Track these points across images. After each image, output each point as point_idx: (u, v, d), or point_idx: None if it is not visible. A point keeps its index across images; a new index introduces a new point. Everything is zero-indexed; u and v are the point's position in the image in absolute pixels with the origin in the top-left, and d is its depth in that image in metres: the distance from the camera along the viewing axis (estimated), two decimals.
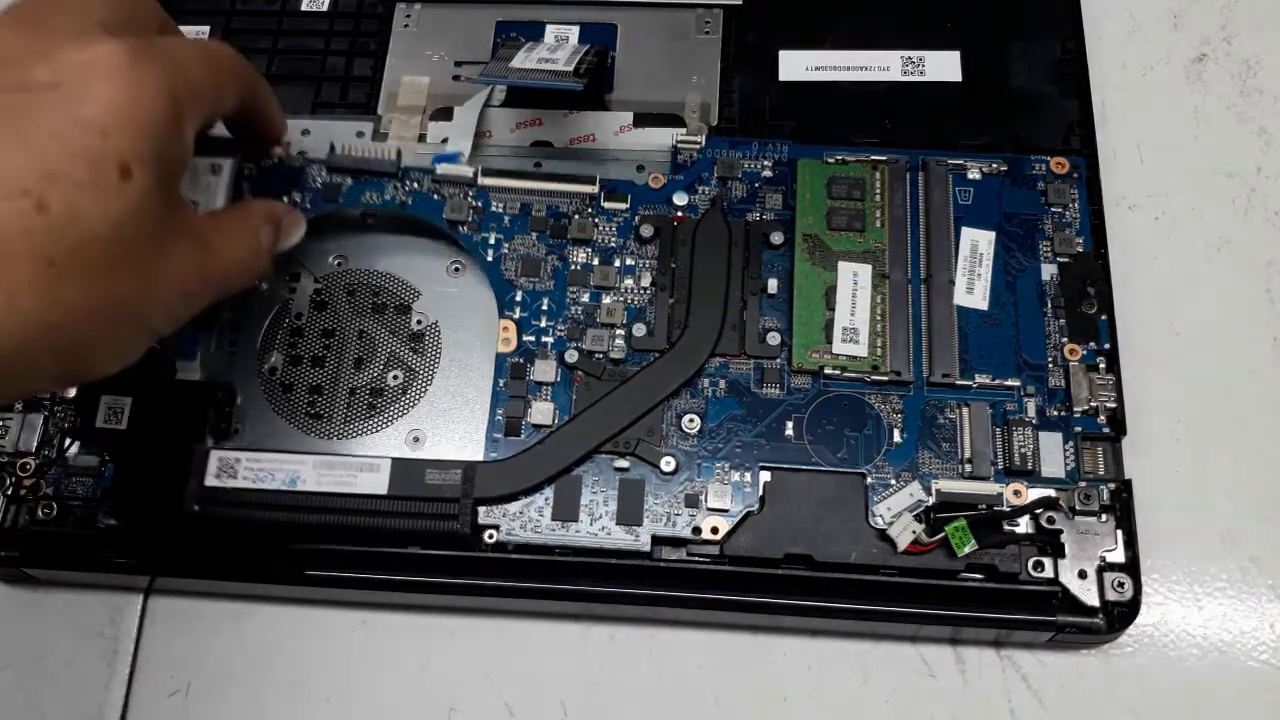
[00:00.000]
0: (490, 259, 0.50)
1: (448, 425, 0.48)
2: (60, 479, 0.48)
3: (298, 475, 0.46)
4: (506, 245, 0.50)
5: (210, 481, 0.46)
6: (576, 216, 0.51)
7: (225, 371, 0.49)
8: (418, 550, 0.46)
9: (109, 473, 0.47)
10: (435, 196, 0.51)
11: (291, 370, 0.50)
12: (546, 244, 0.50)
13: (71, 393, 0.49)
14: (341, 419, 0.49)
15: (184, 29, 0.58)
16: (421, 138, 0.54)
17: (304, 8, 0.58)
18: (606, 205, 0.51)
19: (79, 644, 0.48)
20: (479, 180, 0.51)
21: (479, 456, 0.47)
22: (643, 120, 0.54)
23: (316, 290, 0.51)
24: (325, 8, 0.58)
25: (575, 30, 0.56)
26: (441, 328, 0.50)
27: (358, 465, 0.46)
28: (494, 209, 0.51)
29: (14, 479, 0.48)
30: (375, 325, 0.50)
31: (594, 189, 0.51)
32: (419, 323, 0.50)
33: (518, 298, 0.50)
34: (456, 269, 0.51)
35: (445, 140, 0.53)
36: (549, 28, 0.56)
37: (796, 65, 0.55)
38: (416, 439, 0.48)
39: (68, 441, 0.48)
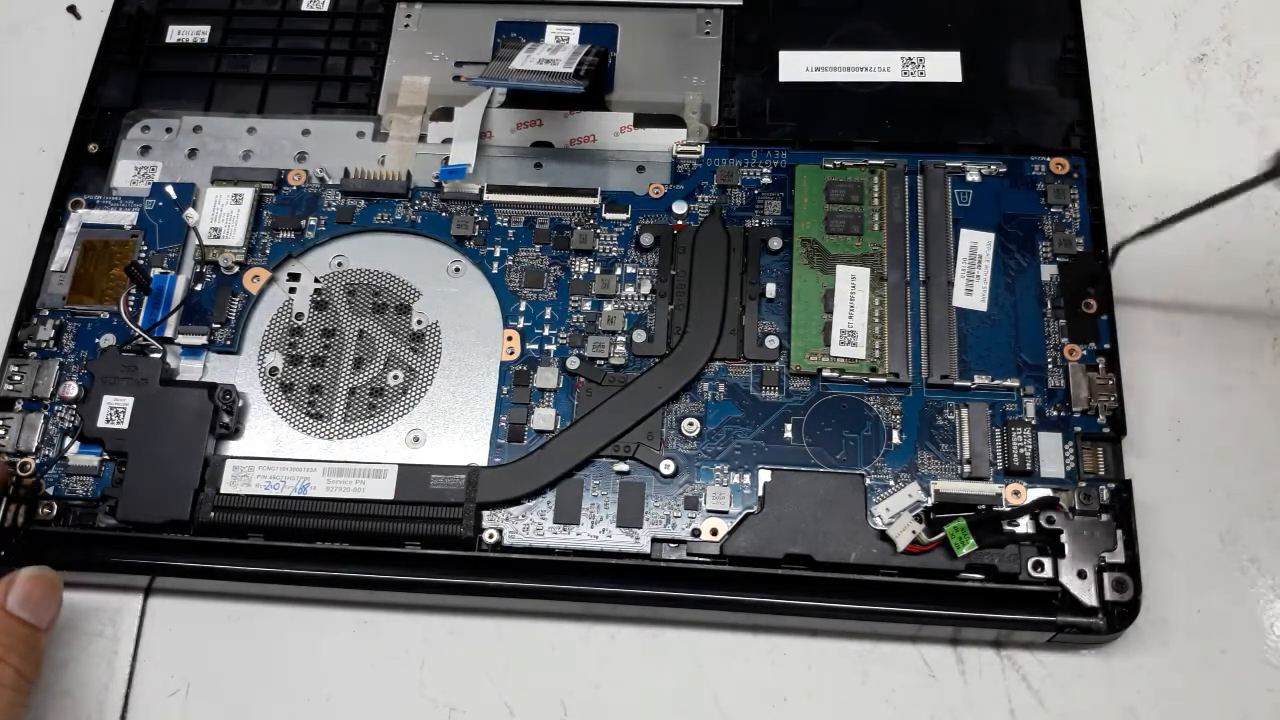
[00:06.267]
0: (495, 271, 0.51)
1: (448, 425, 0.48)
2: (60, 479, 0.48)
3: (308, 482, 0.46)
4: (511, 258, 0.51)
5: (225, 489, 0.47)
6: (578, 228, 0.51)
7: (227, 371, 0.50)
8: (418, 549, 0.46)
9: (109, 472, 0.48)
10: (443, 214, 0.52)
11: (291, 370, 0.50)
12: (550, 255, 0.51)
13: (72, 392, 0.49)
14: (341, 419, 0.49)
15: (185, 29, 0.58)
16: (422, 138, 0.54)
17: (304, 8, 0.58)
18: (608, 215, 0.51)
19: (79, 644, 0.48)
20: (484, 196, 0.52)
21: (480, 456, 0.47)
22: (643, 121, 0.54)
23: (316, 290, 0.51)
24: (325, 8, 0.58)
25: (575, 30, 0.56)
26: (441, 328, 0.50)
27: (365, 472, 0.46)
28: (499, 223, 0.52)
29: (14, 479, 0.48)
30: (375, 325, 0.50)
31: (595, 200, 0.51)
32: (419, 323, 0.50)
33: (521, 308, 0.50)
34: (457, 269, 0.51)
35: (447, 140, 0.53)
36: (549, 28, 0.57)
37: (796, 65, 0.55)
38: (416, 439, 0.48)
39: (68, 441, 0.48)
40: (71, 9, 0.62)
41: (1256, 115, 0.55)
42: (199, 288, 0.51)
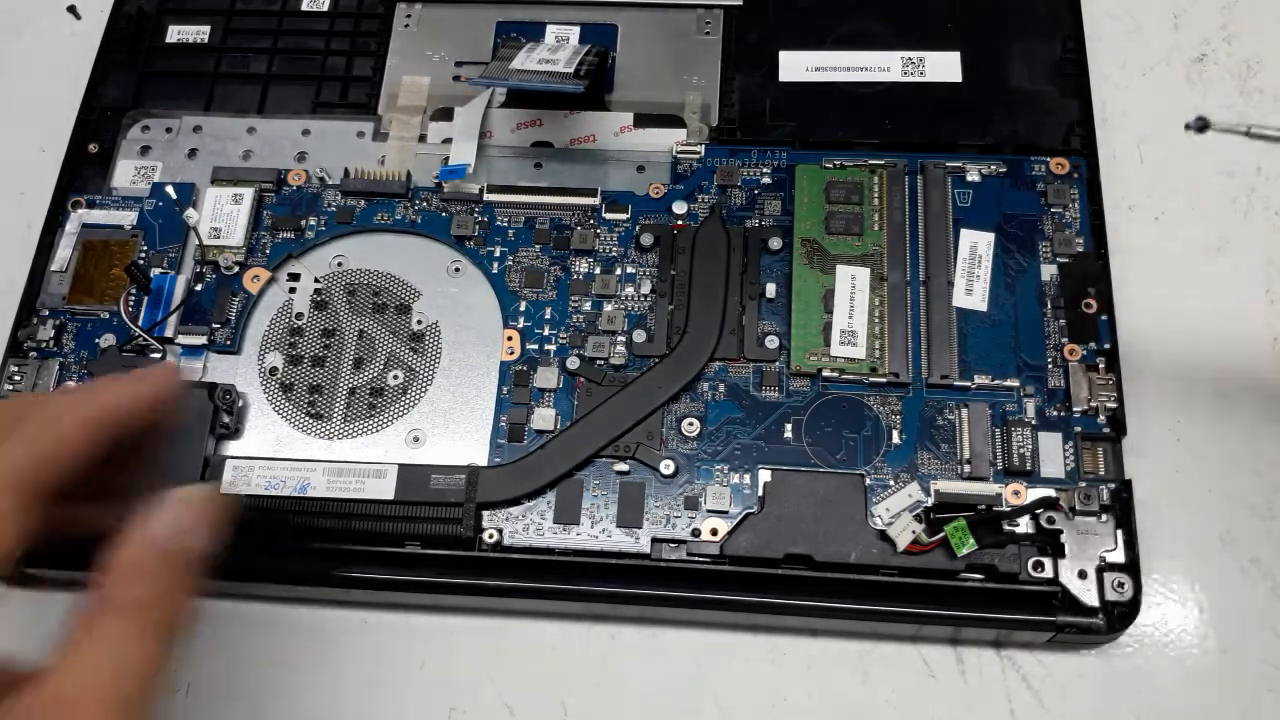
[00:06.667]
0: (495, 271, 0.51)
1: (448, 425, 0.48)
2: None
3: (308, 482, 0.46)
4: (511, 258, 0.51)
5: (226, 489, 0.46)
6: (578, 228, 0.51)
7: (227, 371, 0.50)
8: (418, 549, 0.46)
9: None
10: (443, 214, 0.52)
11: (291, 370, 0.50)
12: (550, 255, 0.51)
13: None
14: (341, 419, 0.49)
15: (185, 29, 0.58)
16: (422, 138, 0.54)
17: (304, 8, 0.58)
18: (608, 215, 0.51)
19: None
20: (484, 196, 0.52)
21: (480, 457, 0.47)
22: (643, 121, 0.54)
23: (316, 290, 0.51)
24: (325, 8, 0.58)
25: (575, 31, 0.56)
26: (441, 328, 0.50)
27: (365, 472, 0.46)
28: (499, 223, 0.52)
29: None
30: (375, 325, 0.50)
31: (595, 200, 0.52)
32: (419, 323, 0.50)
33: (521, 308, 0.50)
34: (457, 269, 0.51)
35: (447, 140, 0.53)
36: (549, 28, 0.57)
37: (796, 65, 0.55)
38: (416, 439, 0.48)
39: None
40: (71, 9, 0.62)
41: (1256, 115, 0.55)
42: (199, 288, 0.51)
